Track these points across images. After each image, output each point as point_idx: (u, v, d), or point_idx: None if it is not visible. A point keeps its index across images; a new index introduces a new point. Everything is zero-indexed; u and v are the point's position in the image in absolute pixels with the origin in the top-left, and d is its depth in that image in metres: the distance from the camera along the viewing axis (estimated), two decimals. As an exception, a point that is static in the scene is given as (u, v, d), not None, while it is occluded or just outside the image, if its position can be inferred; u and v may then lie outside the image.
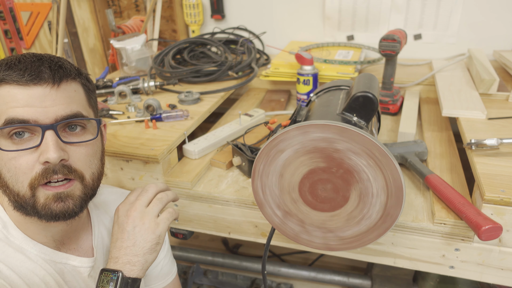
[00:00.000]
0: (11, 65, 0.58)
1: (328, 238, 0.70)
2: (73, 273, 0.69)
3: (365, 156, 0.62)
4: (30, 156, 0.58)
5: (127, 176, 0.98)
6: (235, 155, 0.97)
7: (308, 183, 0.67)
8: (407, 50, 1.49)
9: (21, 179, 0.58)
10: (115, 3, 1.69)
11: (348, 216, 0.67)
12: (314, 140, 0.63)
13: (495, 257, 0.77)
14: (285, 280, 1.44)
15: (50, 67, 0.59)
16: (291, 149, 0.65)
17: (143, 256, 0.65)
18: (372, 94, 0.70)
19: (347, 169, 0.63)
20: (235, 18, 1.65)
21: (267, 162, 0.68)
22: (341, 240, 0.70)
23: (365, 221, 0.66)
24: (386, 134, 1.11)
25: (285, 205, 0.70)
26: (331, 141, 0.63)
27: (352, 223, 0.67)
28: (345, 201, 0.66)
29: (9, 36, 1.34)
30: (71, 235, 0.70)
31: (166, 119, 1.08)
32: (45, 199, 0.59)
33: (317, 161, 0.65)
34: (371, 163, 0.62)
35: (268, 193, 0.70)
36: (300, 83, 1.23)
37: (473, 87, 1.11)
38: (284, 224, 0.72)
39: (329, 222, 0.69)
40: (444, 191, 0.78)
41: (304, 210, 0.69)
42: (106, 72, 1.40)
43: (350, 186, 0.64)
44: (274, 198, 0.70)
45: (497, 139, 0.81)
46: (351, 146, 0.62)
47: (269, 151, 0.67)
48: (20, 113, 0.57)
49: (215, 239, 1.72)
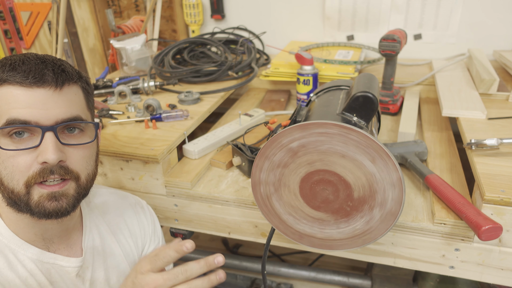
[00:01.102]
0: (15, 66, 0.59)
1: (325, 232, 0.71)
2: (61, 273, 0.68)
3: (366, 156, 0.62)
4: (28, 156, 0.59)
5: (127, 176, 0.98)
6: (235, 155, 0.97)
7: (309, 184, 0.67)
8: (407, 50, 1.49)
9: (17, 177, 0.59)
10: (115, 3, 1.69)
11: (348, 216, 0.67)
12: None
13: (495, 257, 0.77)
14: (285, 280, 1.44)
15: (53, 70, 0.60)
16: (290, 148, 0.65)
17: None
18: (372, 94, 0.70)
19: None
20: (235, 18, 1.65)
21: (267, 162, 0.68)
22: (340, 234, 0.70)
23: (364, 220, 0.66)
24: (386, 134, 1.11)
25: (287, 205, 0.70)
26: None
27: (352, 222, 0.67)
28: (345, 201, 0.66)
29: (9, 36, 1.34)
30: (61, 234, 0.70)
31: (166, 119, 1.08)
32: (39, 197, 0.60)
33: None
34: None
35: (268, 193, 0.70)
36: (300, 83, 1.23)
37: (473, 87, 1.11)
38: (287, 229, 0.72)
39: (329, 221, 0.69)
40: (444, 191, 0.78)
41: (305, 211, 0.69)
42: (106, 72, 1.40)
43: (350, 187, 0.65)
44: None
45: (497, 139, 0.81)
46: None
47: (269, 150, 0.67)
48: (22, 114, 0.58)
49: (215, 239, 1.72)
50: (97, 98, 1.26)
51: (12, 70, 0.59)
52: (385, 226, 0.66)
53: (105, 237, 0.78)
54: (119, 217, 0.82)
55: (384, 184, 0.63)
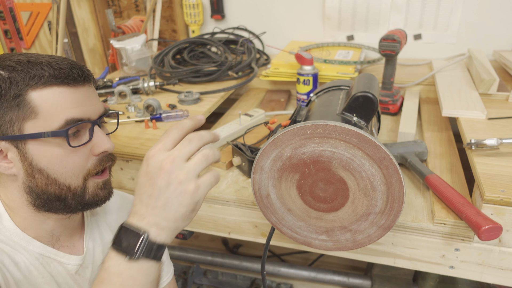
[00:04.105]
0: (51, 66, 0.59)
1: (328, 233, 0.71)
2: (60, 269, 0.69)
3: (366, 157, 0.62)
4: (84, 150, 0.63)
5: (127, 176, 0.98)
6: (235, 155, 0.97)
7: (308, 184, 0.67)
8: (407, 50, 1.49)
9: (77, 172, 0.63)
10: (115, 3, 1.69)
11: (348, 216, 0.67)
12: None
13: (495, 257, 0.77)
14: (285, 280, 1.44)
15: (80, 67, 0.62)
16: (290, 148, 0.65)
17: (174, 222, 0.53)
18: (372, 94, 0.70)
19: (347, 169, 0.63)
20: (235, 18, 1.65)
21: (267, 161, 0.68)
22: (346, 232, 0.70)
23: (364, 220, 0.66)
24: (386, 134, 1.11)
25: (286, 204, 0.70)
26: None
27: (352, 221, 0.67)
28: (344, 202, 0.66)
29: (9, 36, 1.35)
30: (68, 232, 0.71)
31: (166, 119, 1.08)
32: (94, 188, 0.65)
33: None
34: (371, 163, 0.62)
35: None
36: (300, 83, 1.23)
37: (473, 87, 1.11)
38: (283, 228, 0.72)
39: (328, 220, 0.69)
40: (444, 191, 0.78)
41: (304, 210, 0.69)
42: (106, 72, 1.40)
43: (348, 186, 0.65)
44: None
45: (497, 139, 0.81)
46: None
47: (269, 150, 0.67)
48: (77, 113, 0.61)
49: (215, 239, 1.72)
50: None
51: (53, 71, 0.59)
52: (385, 226, 0.66)
53: (106, 237, 0.79)
54: (120, 217, 0.83)
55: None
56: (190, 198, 0.52)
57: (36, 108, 0.58)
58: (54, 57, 0.62)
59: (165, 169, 0.52)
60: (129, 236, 0.52)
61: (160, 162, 0.52)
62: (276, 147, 0.65)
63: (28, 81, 0.58)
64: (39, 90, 0.58)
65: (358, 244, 0.69)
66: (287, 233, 0.73)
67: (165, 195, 0.52)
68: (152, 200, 0.52)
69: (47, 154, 0.60)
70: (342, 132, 0.61)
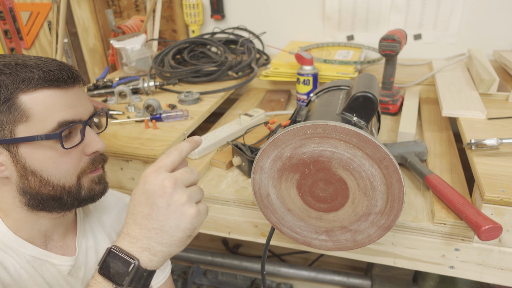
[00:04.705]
0: (40, 68, 0.59)
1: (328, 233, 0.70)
2: (52, 270, 0.69)
3: (366, 157, 0.62)
4: (77, 150, 0.63)
5: (127, 176, 0.98)
6: (235, 155, 0.97)
7: (308, 184, 0.67)
8: (407, 50, 1.49)
9: (71, 172, 0.63)
10: (115, 3, 1.69)
11: (347, 216, 0.67)
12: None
13: (495, 257, 0.77)
14: (285, 280, 1.44)
15: (69, 68, 0.62)
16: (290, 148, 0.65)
17: (169, 247, 0.50)
18: (372, 94, 0.70)
19: (347, 169, 0.63)
20: (235, 18, 1.65)
21: (267, 162, 0.68)
22: (346, 232, 0.70)
23: (364, 220, 0.66)
24: (386, 134, 1.11)
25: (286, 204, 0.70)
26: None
27: (352, 221, 0.67)
28: (344, 202, 0.66)
29: (9, 36, 1.35)
30: (60, 231, 0.71)
31: (166, 119, 1.08)
32: (89, 183, 0.66)
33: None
34: (371, 163, 0.62)
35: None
36: (300, 83, 1.23)
37: (473, 87, 1.11)
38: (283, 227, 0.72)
39: (329, 219, 0.69)
40: (444, 191, 0.78)
41: (304, 210, 0.69)
42: (106, 72, 1.40)
43: (348, 186, 0.65)
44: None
45: (497, 139, 0.81)
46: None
47: (269, 150, 0.66)
48: (69, 115, 0.61)
49: (215, 239, 1.72)
50: (97, 98, 1.26)
51: (42, 73, 0.58)
52: (385, 226, 0.66)
53: (99, 238, 0.78)
54: (114, 218, 0.82)
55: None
56: (189, 223, 0.50)
57: (27, 112, 0.57)
58: (42, 58, 0.61)
59: (166, 188, 0.49)
60: (117, 263, 0.49)
61: (161, 181, 0.50)
62: (276, 147, 0.65)
63: (18, 84, 0.57)
64: (29, 93, 0.57)
65: (358, 244, 0.69)
66: (287, 233, 0.73)
67: (163, 216, 0.49)
68: (148, 221, 0.50)
69: (40, 156, 0.60)
70: (342, 132, 0.61)
